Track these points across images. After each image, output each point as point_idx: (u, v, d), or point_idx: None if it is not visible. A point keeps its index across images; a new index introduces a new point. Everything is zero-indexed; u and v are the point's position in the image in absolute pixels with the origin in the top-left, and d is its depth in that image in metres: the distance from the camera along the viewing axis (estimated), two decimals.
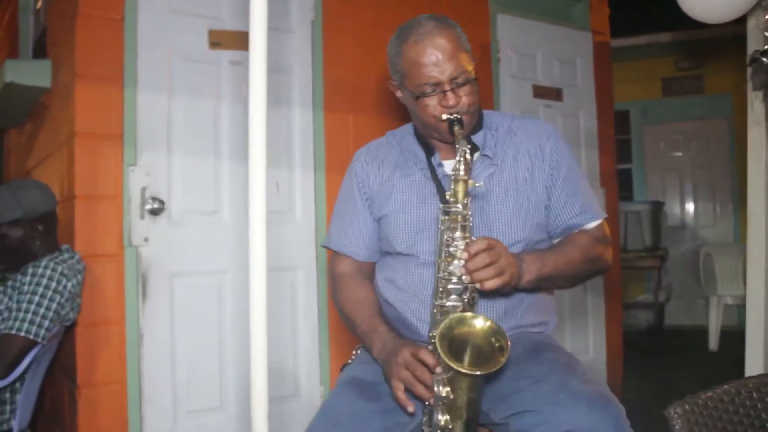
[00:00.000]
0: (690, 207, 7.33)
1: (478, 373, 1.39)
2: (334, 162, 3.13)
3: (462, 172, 1.54)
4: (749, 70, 2.79)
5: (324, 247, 1.95)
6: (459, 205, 1.53)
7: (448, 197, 1.56)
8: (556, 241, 1.78)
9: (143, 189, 2.73)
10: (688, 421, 1.06)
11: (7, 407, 2.38)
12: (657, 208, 6.56)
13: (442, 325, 1.45)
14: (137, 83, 2.74)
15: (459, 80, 1.64)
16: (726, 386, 1.15)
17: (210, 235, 2.91)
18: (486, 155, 1.74)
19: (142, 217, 2.73)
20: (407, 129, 1.89)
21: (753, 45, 2.80)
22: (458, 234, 1.52)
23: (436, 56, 1.63)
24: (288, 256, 3.07)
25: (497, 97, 3.84)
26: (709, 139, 7.19)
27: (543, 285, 1.68)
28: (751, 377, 1.21)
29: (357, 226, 1.84)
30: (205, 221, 2.91)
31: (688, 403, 1.04)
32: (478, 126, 1.78)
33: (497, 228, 1.68)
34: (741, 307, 6.19)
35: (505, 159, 1.74)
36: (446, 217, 1.55)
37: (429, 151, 1.78)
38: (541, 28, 4.10)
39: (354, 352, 1.89)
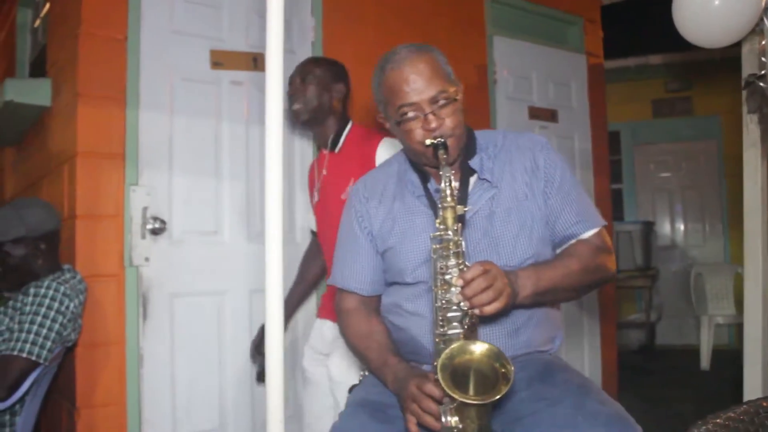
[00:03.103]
0: (680, 227, 7.40)
1: (480, 402, 1.37)
2: None
3: (449, 199, 1.53)
4: (744, 93, 2.85)
5: (329, 284, 1.94)
6: (449, 232, 1.51)
7: (437, 225, 1.54)
8: (558, 251, 1.77)
9: (144, 209, 2.72)
10: None
11: (7, 429, 2.35)
12: (648, 228, 6.63)
13: (443, 355, 1.43)
14: (139, 103, 2.74)
15: (440, 102, 1.64)
16: (744, 407, 1.17)
17: (211, 256, 2.90)
18: (485, 178, 1.73)
19: (143, 236, 2.72)
20: (405, 155, 1.87)
21: (748, 69, 2.86)
22: (452, 261, 1.50)
23: (413, 79, 1.64)
24: (287, 277, 3.05)
25: (494, 118, 3.87)
26: (698, 159, 7.28)
27: (543, 299, 1.65)
28: (766, 398, 1.22)
29: (359, 262, 1.83)
30: (206, 241, 2.90)
31: (711, 423, 1.05)
32: (472, 149, 1.77)
33: (504, 248, 1.68)
34: (732, 326, 6.25)
35: (503, 179, 1.73)
36: (438, 246, 1.52)
37: (425, 178, 1.77)
38: (536, 51, 4.15)
39: (362, 373, 1.89)
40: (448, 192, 1.53)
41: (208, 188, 2.93)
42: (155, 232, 2.74)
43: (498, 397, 1.35)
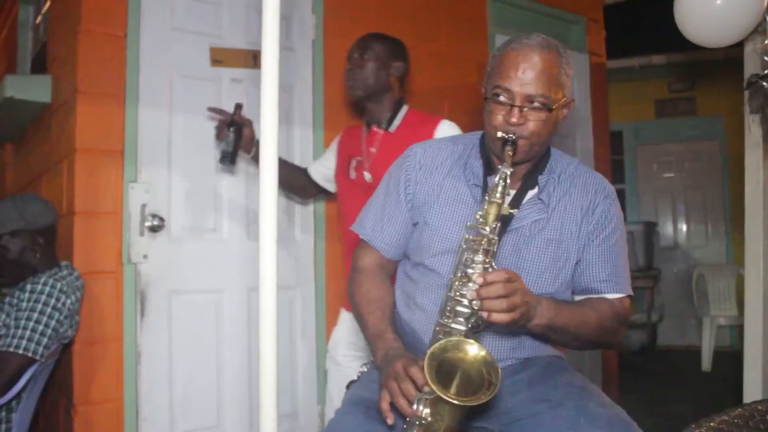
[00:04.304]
0: (682, 227, 7.38)
1: (457, 402, 1.34)
2: None
3: (498, 195, 1.48)
4: (746, 93, 2.83)
5: (352, 230, 1.88)
6: (487, 228, 1.47)
7: (477, 217, 1.50)
8: (577, 298, 1.72)
9: (143, 206, 2.71)
10: None
11: (3, 426, 2.35)
12: (650, 228, 6.60)
13: (436, 345, 1.40)
14: (138, 100, 2.73)
15: (534, 103, 1.56)
16: (739, 410, 1.15)
17: (209, 253, 2.89)
18: (541, 199, 1.68)
19: (141, 234, 2.71)
20: (476, 137, 1.80)
21: (750, 69, 2.85)
22: (479, 257, 1.46)
23: (522, 68, 1.56)
24: (287, 275, 3.06)
25: None
26: (701, 160, 7.26)
27: (550, 335, 1.61)
28: (762, 401, 1.21)
29: (392, 225, 1.78)
30: (205, 239, 2.89)
31: (705, 426, 1.04)
32: (543, 167, 1.71)
33: (528, 275, 1.63)
34: (734, 327, 6.23)
35: (556, 208, 1.68)
36: (471, 237, 1.49)
37: (488, 169, 1.71)
38: None
39: (360, 370, 1.88)
40: (500, 189, 1.49)
41: (207, 186, 2.92)
42: (154, 229, 2.73)
43: (475, 403, 1.32)
